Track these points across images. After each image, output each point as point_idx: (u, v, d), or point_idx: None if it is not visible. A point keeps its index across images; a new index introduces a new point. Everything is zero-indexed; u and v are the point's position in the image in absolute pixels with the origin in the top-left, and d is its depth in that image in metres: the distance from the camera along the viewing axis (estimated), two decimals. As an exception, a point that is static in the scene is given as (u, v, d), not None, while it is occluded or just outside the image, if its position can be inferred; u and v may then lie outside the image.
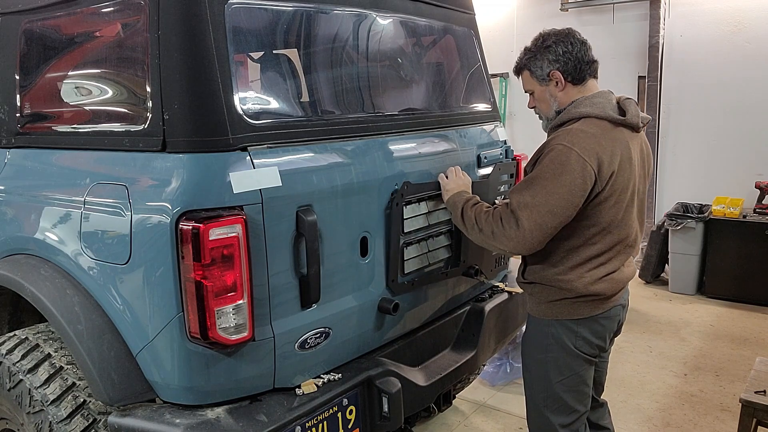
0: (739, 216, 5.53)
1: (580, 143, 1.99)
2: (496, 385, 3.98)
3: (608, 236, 2.10)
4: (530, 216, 1.99)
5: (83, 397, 1.90)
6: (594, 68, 2.18)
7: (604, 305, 2.18)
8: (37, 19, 2.25)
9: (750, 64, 5.86)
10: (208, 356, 1.78)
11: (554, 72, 2.14)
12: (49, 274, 1.98)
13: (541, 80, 2.19)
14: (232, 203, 1.74)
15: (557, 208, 1.98)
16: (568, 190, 1.97)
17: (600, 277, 2.12)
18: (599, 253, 2.11)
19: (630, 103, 2.16)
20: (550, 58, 2.14)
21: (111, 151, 1.96)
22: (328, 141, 2.06)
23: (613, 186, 2.04)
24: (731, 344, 4.65)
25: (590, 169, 1.97)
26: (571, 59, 2.13)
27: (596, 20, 6.69)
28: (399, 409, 2.11)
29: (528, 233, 2.00)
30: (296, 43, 2.25)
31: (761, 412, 2.65)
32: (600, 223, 2.07)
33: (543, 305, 2.20)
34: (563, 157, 1.98)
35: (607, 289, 2.14)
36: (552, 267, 2.14)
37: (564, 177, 1.97)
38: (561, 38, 2.14)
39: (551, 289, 2.16)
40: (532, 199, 2.00)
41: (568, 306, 2.15)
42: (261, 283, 1.83)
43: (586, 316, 2.16)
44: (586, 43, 2.17)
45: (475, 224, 2.16)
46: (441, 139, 2.56)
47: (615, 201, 2.07)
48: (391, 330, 2.35)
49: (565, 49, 2.13)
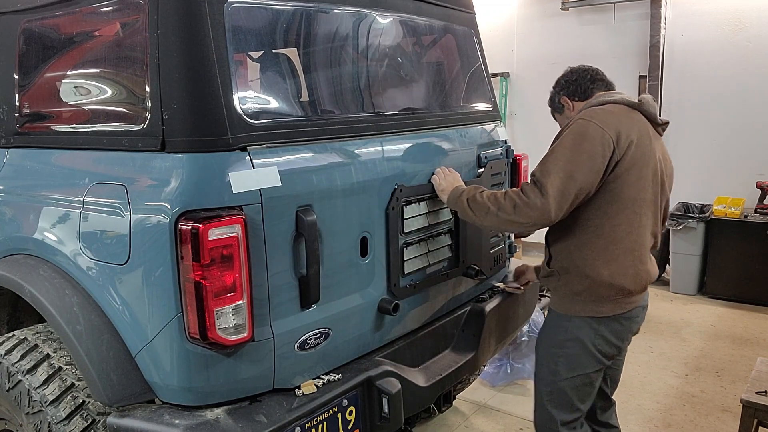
0: (740, 216, 5.53)
1: (597, 117, 2.15)
2: (496, 385, 3.97)
3: (631, 215, 2.14)
4: (553, 182, 2.05)
5: (82, 398, 1.89)
6: (601, 85, 2.40)
7: (626, 304, 2.21)
8: (35, 18, 2.25)
9: (751, 63, 5.85)
10: (207, 357, 1.77)
11: (563, 98, 2.44)
12: (47, 275, 1.98)
13: (558, 111, 2.49)
14: (232, 203, 1.73)
15: (578, 173, 2.05)
16: (588, 157, 2.07)
17: (625, 268, 2.16)
18: (624, 236, 2.14)
19: (646, 96, 2.33)
20: (556, 90, 2.48)
21: (110, 151, 1.95)
22: (328, 141, 2.06)
23: (633, 156, 2.12)
24: (732, 344, 4.64)
25: (608, 137, 2.09)
26: (572, 81, 2.42)
27: (597, 19, 6.67)
28: (399, 409, 2.10)
29: (552, 199, 2.04)
30: (296, 43, 2.25)
31: (762, 412, 2.64)
32: (622, 199, 2.12)
33: (566, 299, 2.24)
34: (582, 128, 2.12)
35: (631, 285, 2.18)
36: (579, 250, 2.18)
37: (584, 145, 2.08)
38: (564, 74, 2.47)
39: (577, 279, 2.19)
40: (554, 166, 2.08)
41: (591, 302, 2.19)
42: (260, 284, 1.82)
43: (608, 314, 2.20)
44: (589, 70, 2.42)
45: (490, 206, 2.17)
46: (441, 139, 2.55)
47: (636, 176, 2.13)
48: (391, 330, 2.34)
49: (566, 78, 2.45)
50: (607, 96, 2.30)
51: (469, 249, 2.65)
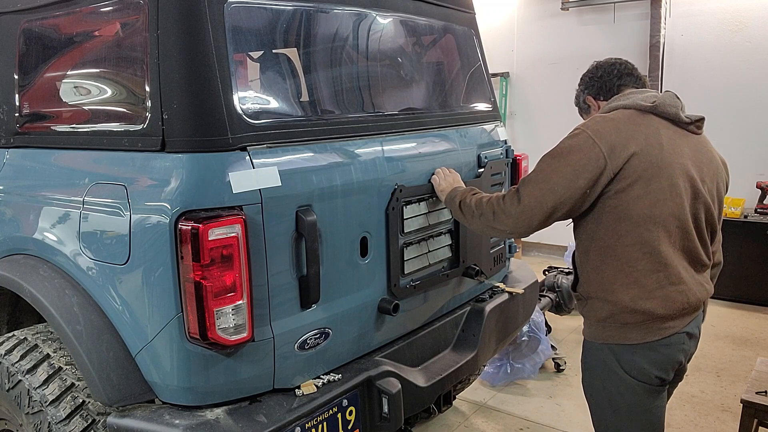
0: (740, 216, 5.53)
1: (594, 126, 1.97)
2: (496, 385, 3.97)
3: (646, 234, 1.90)
4: (531, 192, 1.95)
5: (82, 398, 1.89)
6: (630, 80, 2.19)
7: (660, 330, 1.94)
8: (35, 18, 2.25)
9: (751, 63, 5.85)
10: (207, 357, 1.77)
11: (588, 98, 2.27)
12: (47, 275, 1.98)
13: (584, 111, 2.32)
14: (232, 203, 1.73)
15: (558, 186, 1.91)
16: (571, 170, 1.90)
17: (650, 291, 1.92)
18: (642, 257, 1.91)
19: (665, 95, 2.06)
20: (581, 89, 2.30)
21: (110, 151, 1.95)
22: (328, 141, 2.06)
23: (635, 169, 1.89)
24: (732, 344, 4.64)
25: (599, 150, 1.89)
26: (596, 79, 2.23)
27: (597, 20, 6.67)
28: (399, 409, 2.10)
29: (528, 209, 1.94)
30: (296, 43, 2.25)
31: (762, 412, 2.64)
32: (631, 216, 1.90)
33: (594, 326, 2.05)
34: (573, 138, 1.97)
35: (659, 308, 1.91)
36: (597, 275, 1.99)
37: (570, 156, 1.93)
38: (589, 69, 2.28)
39: (599, 304, 2.00)
40: (535, 176, 1.97)
41: (618, 328, 1.97)
42: (260, 284, 1.82)
43: (639, 342, 1.95)
44: (616, 64, 2.22)
45: (475, 211, 2.13)
46: (441, 139, 2.55)
47: (644, 190, 1.89)
48: (391, 330, 2.34)
49: (590, 75, 2.26)
50: (624, 99, 2.08)
51: (469, 249, 2.65)
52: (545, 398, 3.82)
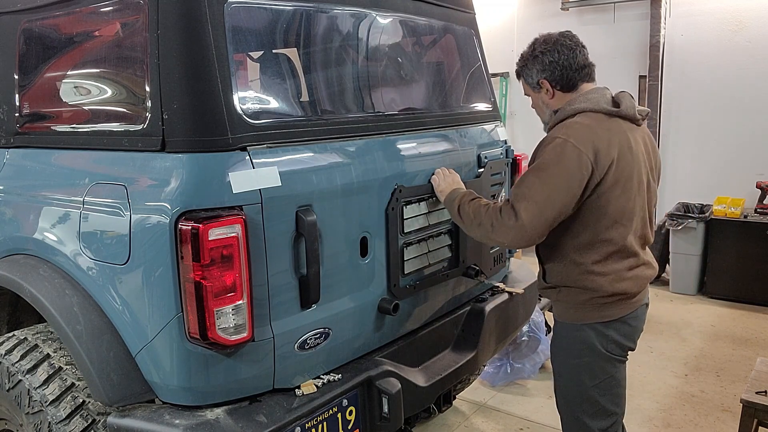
0: (740, 216, 5.52)
1: (575, 134, 2.03)
2: (496, 385, 3.97)
3: (620, 228, 2.09)
4: (528, 207, 2.00)
5: (82, 398, 1.89)
6: (586, 72, 2.18)
7: (630, 305, 2.18)
8: (36, 18, 2.25)
9: (751, 63, 5.85)
10: (207, 357, 1.77)
11: (543, 81, 2.19)
12: (48, 275, 1.98)
13: (533, 88, 2.25)
14: (232, 203, 1.73)
15: (554, 197, 1.99)
16: (564, 180, 1.99)
17: (623, 274, 2.13)
18: (617, 248, 2.10)
19: (624, 96, 2.17)
20: (538, 68, 2.19)
21: (110, 151, 1.95)
22: (328, 141, 2.06)
23: (615, 174, 2.04)
24: (732, 344, 4.64)
25: (586, 158, 1.99)
26: (558, 68, 2.15)
27: (597, 19, 6.67)
28: (399, 409, 2.10)
29: (527, 223, 2.00)
30: (296, 43, 2.25)
31: (762, 412, 2.64)
32: (609, 214, 2.06)
33: (571, 309, 2.19)
34: (559, 148, 2.01)
35: (632, 287, 2.15)
36: (575, 267, 2.14)
37: (560, 167, 2.00)
38: (548, 47, 2.16)
39: (577, 291, 2.15)
40: (528, 190, 2.02)
41: (596, 308, 2.14)
42: (260, 284, 1.82)
43: (615, 317, 2.16)
44: (576, 49, 2.15)
45: (473, 219, 2.16)
46: (441, 139, 2.55)
47: (621, 190, 2.06)
48: (392, 330, 2.34)
49: (552, 58, 2.15)
50: (584, 101, 2.12)
51: (469, 249, 2.65)
52: (545, 398, 3.83)
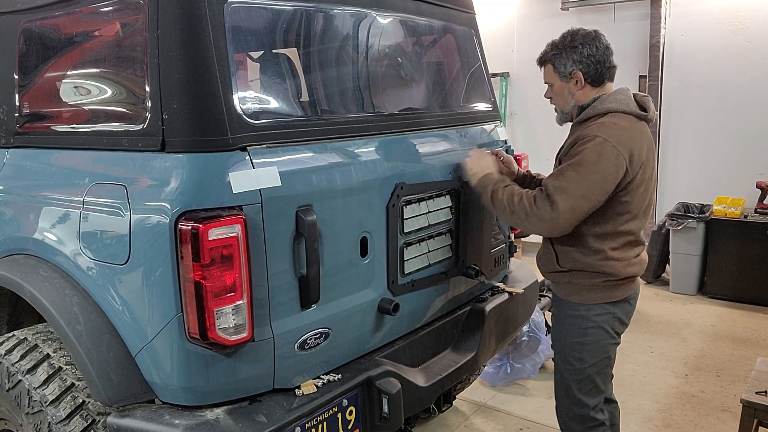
0: (740, 216, 5.53)
1: (614, 135, 2.16)
2: (496, 385, 3.97)
3: (636, 221, 2.29)
4: (566, 200, 2.13)
5: (82, 398, 1.89)
6: (612, 73, 2.33)
7: (633, 286, 2.38)
8: (36, 18, 2.25)
9: (751, 63, 5.85)
10: (207, 357, 1.77)
11: (576, 72, 2.29)
12: (47, 275, 1.98)
13: (562, 76, 2.33)
14: (232, 203, 1.73)
15: (591, 193, 2.14)
16: (601, 178, 2.14)
17: (634, 259, 2.32)
18: (631, 239, 2.30)
19: (649, 101, 2.33)
20: (574, 58, 2.28)
21: (110, 151, 1.95)
22: (328, 141, 2.06)
23: (643, 175, 2.23)
24: (732, 344, 4.64)
25: (622, 159, 2.15)
26: (594, 62, 2.27)
27: (597, 19, 6.67)
28: (399, 409, 2.10)
29: (562, 215, 2.13)
30: (296, 43, 2.25)
31: (762, 412, 2.64)
32: (632, 210, 2.25)
33: (584, 291, 2.33)
34: (599, 147, 2.14)
35: (639, 270, 2.36)
36: (594, 253, 2.27)
37: (599, 165, 2.13)
38: (588, 40, 2.27)
39: (593, 274, 2.30)
40: (568, 185, 2.14)
41: (608, 289, 2.31)
42: (260, 284, 1.82)
43: (621, 297, 2.34)
44: (610, 48, 2.30)
45: (507, 206, 2.25)
46: (441, 139, 2.55)
47: (644, 189, 2.26)
48: (391, 330, 2.34)
49: (590, 52, 2.26)
50: (615, 102, 2.24)
51: (470, 249, 2.65)
52: (545, 398, 3.83)
